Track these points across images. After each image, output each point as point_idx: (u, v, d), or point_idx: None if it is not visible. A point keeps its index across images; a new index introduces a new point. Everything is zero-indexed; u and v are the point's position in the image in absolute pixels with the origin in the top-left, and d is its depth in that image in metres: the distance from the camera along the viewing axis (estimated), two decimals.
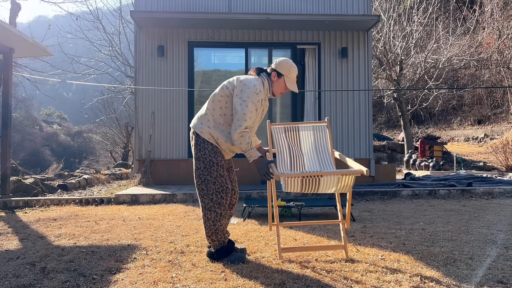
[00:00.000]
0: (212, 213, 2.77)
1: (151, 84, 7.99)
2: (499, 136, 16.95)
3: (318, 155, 3.14)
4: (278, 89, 2.92)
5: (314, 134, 3.20)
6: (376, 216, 4.78)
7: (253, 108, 2.74)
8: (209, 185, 2.79)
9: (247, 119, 2.72)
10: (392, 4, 15.71)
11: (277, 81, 2.90)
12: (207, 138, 2.80)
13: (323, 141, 3.18)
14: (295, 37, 8.23)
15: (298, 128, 3.23)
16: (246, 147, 2.74)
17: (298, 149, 3.16)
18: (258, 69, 2.97)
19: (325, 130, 3.20)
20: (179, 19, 7.65)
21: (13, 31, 5.83)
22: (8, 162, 6.42)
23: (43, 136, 34.74)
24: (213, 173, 2.79)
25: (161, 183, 7.78)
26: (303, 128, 3.22)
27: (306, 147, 3.18)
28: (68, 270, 2.69)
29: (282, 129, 3.22)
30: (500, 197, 6.45)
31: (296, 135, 3.20)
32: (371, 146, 8.20)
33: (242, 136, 2.72)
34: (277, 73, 2.89)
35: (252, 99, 2.74)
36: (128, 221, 4.54)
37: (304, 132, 3.20)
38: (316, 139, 3.18)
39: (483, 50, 18.50)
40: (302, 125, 3.24)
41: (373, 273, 2.58)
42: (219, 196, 2.78)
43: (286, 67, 2.89)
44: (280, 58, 2.97)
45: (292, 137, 3.19)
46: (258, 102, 2.78)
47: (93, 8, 34.24)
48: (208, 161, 2.79)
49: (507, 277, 2.48)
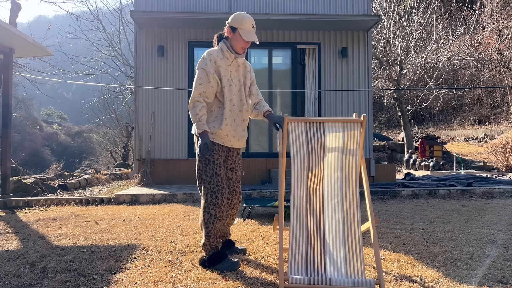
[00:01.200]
0: (206, 215, 2.67)
1: (151, 84, 7.99)
2: (499, 136, 16.95)
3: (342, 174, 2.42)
4: (237, 44, 2.75)
5: (343, 138, 2.43)
6: (376, 216, 4.77)
7: (203, 74, 2.68)
8: (205, 185, 2.71)
9: (196, 86, 2.67)
10: (392, 4, 15.71)
11: (233, 37, 2.76)
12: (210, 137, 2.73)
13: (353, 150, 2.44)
14: (295, 37, 8.23)
15: (324, 128, 2.44)
16: (195, 118, 2.64)
17: (320, 160, 2.43)
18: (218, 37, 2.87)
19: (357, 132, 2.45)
20: (179, 19, 7.65)
21: (13, 31, 5.83)
22: (8, 162, 6.42)
23: (43, 136, 34.76)
24: (209, 171, 2.70)
25: (161, 183, 7.78)
26: (330, 129, 2.44)
27: (330, 157, 2.43)
28: (68, 270, 2.69)
29: (303, 127, 2.44)
30: (500, 197, 6.45)
31: (321, 140, 2.42)
32: (371, 146, 8.20)
33: (193, 107, 2.65)
34: (230, 28, 2.77)
35: (201, 65, 2.70)
36: (128, 221, 4.54)
37: (330, 137, 2.43)
38: (344, 146, 2.43)
39: (483, 50, 18.50)
40: (330, 123, 2.45)
41: (373, 273, 2.58)
42: (214, 197, 2.67)
43: (238, 19, 2.75)
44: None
45: (315, 143, 2.42)
46: (207, 66, 2.68)
47: (93, 8, 34.31)
48: (205, 159, 2.72)
49: (507, 277, 2.48)
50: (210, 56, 2.71)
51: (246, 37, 2.73)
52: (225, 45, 2.79)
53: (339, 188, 2.41)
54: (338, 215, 2.37)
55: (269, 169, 7.83)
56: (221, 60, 2.75)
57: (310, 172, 2.43)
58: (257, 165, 7.75)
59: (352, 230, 2.33)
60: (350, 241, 2.30)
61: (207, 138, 2.64)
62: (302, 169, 2.41)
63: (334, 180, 2.42)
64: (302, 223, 2.36)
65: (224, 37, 2.83)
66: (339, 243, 2.30)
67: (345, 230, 2.33)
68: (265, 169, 7.87)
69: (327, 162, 2.44)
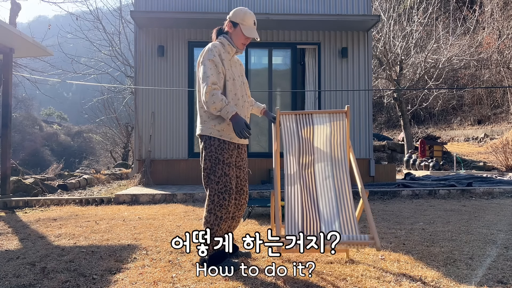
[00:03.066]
0: (212, 216, 2.61)
1: (151, 84, 7.99)
2: (499, 136, 16.95)
3: (332, 159, 2.68)
4: (238, 40, 2.72)
5: (330, 126, 2.71)
6: (376, 216, 4.78)
7: (211, 64, 2.59)
8: (212, 185, 2.62)
9: (209, 75, 2.56)
10: (392, 4, 15.72)
11: (234, 32, 2.72)
12: (210, 133, 2.65)
13: (340, 138, 2.70)
14: (295, 37, 8.23)
15: (313, 118, 2.75)
16: (221, 104, 2.52)
17: (310, 146, 2.72)
18: (218, 32, 2.82)
19: (343, 122, 2.71)
20: (179, 19, 7.65)
21: (13, 31, 5.83)
22: (8, 162, 6.42)
23: (43, 136, 34.77)
24: (218, 171, 2.61)
25: (161, 183, 7.78)
26: (318, 120, 2.74)
27: (319, 143, 2.72)
28: (68, 270, 2.69)
29: (293, 118, 2.78)
30: (500, 197, 6.45)
31: (310, 128, 2.73)
32: (371, 146, 8.20)
33: (213, 95, 2.53)
34: (232, 23, 2.72)
35: (208, 57, 2.61)
36: (128, 221, 4.54)
37: (318, 126, 2.73)
38: (332, 133, 2.71)
39: (483, 50, 18.50)
40: (317, 114, 2.76)
41: (373, 273, 2.58)
42: (221, 198, 2.60)
43: (240, 14, 2.71)
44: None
45: (304, 130, 2.73)
46: (215, 57, 2.61)
47: (93, 8, 34.32)
48: (214, 158, 2.63)
49: (507, 277, 2.48)
50: (215, 48, 2.65)
51: (248, 33, 2.69)
52: (226, 39, 2.74)
53: (329, 170, 2.65)
54: (330, 192, 2.59)
55: (269, 169, 7.83)
56: (223, 53, 2.69)
57: (301, 156, 2.70)
58: (257, 165, 7.74)
59: (345, 204, 2.52)
60: (344, 213, 2.49)
61: (241, 117, 2.57)
62: (293, 152, 2.70)
63: (324, 163, 2.68)
64: (296, 198, 2.59)
65: (224, 32, 2.78)
66: (333, 215, 2.50)
67: (338, 204, 2.53)
68: (265, 169, 7.86)
69: (317, 147, 2.72)
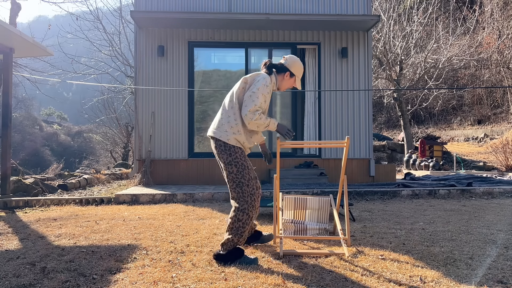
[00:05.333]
0: (245, 215, 2.84)
1: (151, 84, 8.00)
2: (499, 136, 16.96)
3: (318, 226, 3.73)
4: (287, 85, 3.11)
5: (319, 205, 3.74)
6: (376, 216, 4.78)
7: (267, 91, 2.88)
8: (244, 188, 2.86)
9: (258, 98, 2.81)
10: (392, 4, 15.71)
11: (287, 79, 3.08)
12: (234, 143, 2.87)
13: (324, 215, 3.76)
14: (295, 37, 8.23)
15: (306, 201, 3.75)
16: (265, 122, 2.83)
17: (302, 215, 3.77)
18: (269, 66, 3.07)
19: (327, 205, 3.73)
20: (179, 19, 7.65)
21: (13, 31, 5.83)
22: (8, 162, 6.42)
23: (43, 136, 34.79)
24: (246, 175, 2.87)
25: (161, 183, 7.79)
26: (311, 201, 3.75)
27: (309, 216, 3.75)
28: (68, 270, 2.69)
29: (292, 199, 3.78)
30: (500, 197, 6.45)
31: (304, 205, 3.77)
32: (371, 146, 8.20)
33: (260, 117, 2.79)
34: (290, 73, 3.07)
35: (262, 91, 2.85)
36: (128, 221, 4.54)
37: (310, 203, 3.76)
38: (319, 210, 3.75)
39: (483, 50, 18.51)
40: (310, 198, 3.76)
41: (373, 273, 2.58)
42: (253, 199, 2.86)
43: (299, 68, 3.08)
44: (292, 57, 3.10)
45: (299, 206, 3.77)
46: (268, 94, 2.90)
47: (93, 8, 34.29)
48: (240, 164, 2.87)
49: (507, 277, 2.48)
50: (271, 85, 2.96)
51: (298, 85, 3.12)
52: (275, 79, 3.06)
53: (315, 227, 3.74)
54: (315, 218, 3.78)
55: (269, 170, 7.84)
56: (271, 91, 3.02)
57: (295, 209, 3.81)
58: (257, 165, 7.73)
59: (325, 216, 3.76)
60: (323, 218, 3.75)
61: (283, 124, 2.97)
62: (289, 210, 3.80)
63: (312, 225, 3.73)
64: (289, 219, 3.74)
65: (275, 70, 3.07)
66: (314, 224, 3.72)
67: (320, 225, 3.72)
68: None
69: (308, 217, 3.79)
